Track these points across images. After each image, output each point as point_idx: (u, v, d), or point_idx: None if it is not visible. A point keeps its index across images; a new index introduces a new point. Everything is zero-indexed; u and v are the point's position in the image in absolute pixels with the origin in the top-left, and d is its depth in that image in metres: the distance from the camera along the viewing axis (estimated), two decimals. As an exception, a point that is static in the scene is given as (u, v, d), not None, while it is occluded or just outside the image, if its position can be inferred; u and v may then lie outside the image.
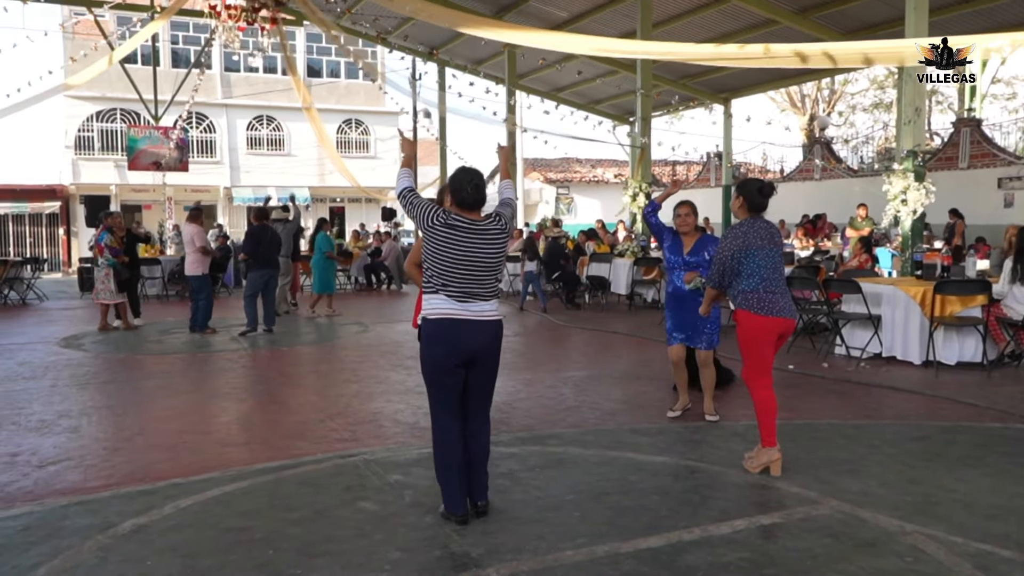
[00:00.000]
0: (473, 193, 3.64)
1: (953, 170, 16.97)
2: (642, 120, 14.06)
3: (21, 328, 11.40)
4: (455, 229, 3.58)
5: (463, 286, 3.58)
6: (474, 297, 3.60)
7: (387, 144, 32.37)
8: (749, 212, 4.49)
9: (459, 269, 3.57)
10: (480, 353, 3.61)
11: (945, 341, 7.49)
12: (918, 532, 3.52)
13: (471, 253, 3.58)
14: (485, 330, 3.61)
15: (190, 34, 28.25)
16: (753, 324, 4.36)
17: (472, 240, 3.59)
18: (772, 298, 4.35)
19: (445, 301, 3.59)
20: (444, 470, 3.67)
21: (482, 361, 3.64)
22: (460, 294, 3.58)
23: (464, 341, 3.57)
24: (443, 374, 3.62)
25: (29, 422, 5.71)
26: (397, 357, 8.47)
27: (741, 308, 4.40)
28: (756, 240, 4.38)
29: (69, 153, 27.47)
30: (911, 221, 9.21)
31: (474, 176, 3.67)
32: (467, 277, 3.58)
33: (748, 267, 4.37)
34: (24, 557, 3.36)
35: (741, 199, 4.50)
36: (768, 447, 4.38)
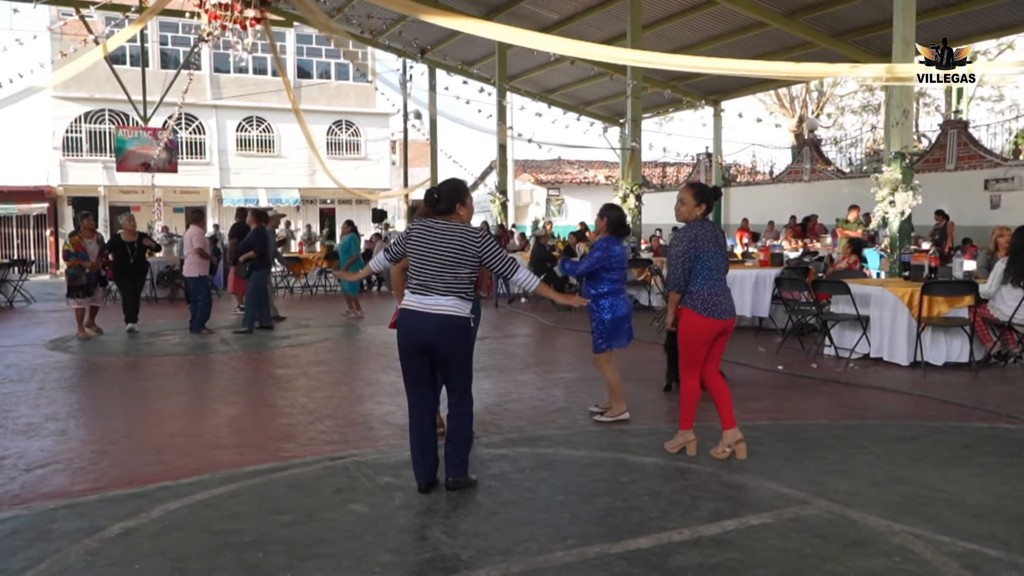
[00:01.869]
0: (436, 199, 4.07)
1: (940, 172, 17.09)
2: (632, 122, 14.10)
3: (8, 330, 11.32)
4: (417, 228, 4.04)
5: (420, 280, 3.97)
6: (429, 291, 3.94)
7: (377, 145, 32.34)
8: (697, 214, 4.66)
9: (417, 264, 3.99)
10: (433, 341, 3.94)
11: (933, 342, 7.54)
12: (906, 532, 3.55)
13: (427, 250, 3.96)
14: (434, 321, 3.92)
15: (179, 35, 28.13)
16: (695, 324, 4.56)
17: (431, 238, 3.97)
18: (716, 300, 4.55)
19: (408, 294, 4.01)
20: (410, 443, 4.15)
21: (437, 348, 3.96)
22: (418, 287, 3.97)
23: (415, 330, 3.95)
24: (403, 357, 4.07)
25: (16, 425, 5.66)
26: (387, 359, 8.45)
27: (687, 307, 4.58)
28: (705, 242, 4.56)
29: (57, 154, 27.32)
30: (899, 222, 9.27)
31: (442, 186, 4.14)
32: (424, 272, 3.96)
33: (697, 268, 4.55)
34: (11, 561, 3.33)
35: (704, 206, 4.66)
36: (685, 430, 4.76)
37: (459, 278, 3.95)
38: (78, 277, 9.93)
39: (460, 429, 4.11)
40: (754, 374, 7.43)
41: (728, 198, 23.26)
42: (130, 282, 10.57)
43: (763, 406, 6.12)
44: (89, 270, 9.99)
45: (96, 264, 10.10)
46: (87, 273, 9.98)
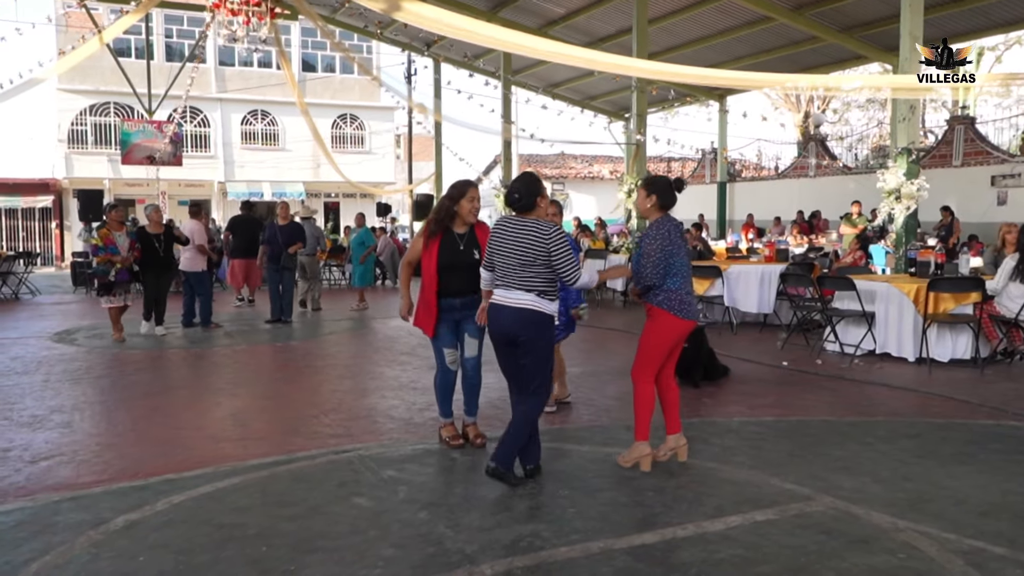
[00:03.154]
0: (514, 199, 4.14)
1: (947, 168, 17.00)
2: (637, 116, 14.06)
3: (14, 323, 11.35)
4: (497, 226, 4.20)
5: (501, 276, 4.12)
6: (510, 287, 4.07)
7: (382, 139, 32.32)
8: (661, 210, 4.38)
9: (499, 261, 4.14)
10: (513, 333, 4.07)
11: (938, 338, 7.52)
12: (911, 529, 3.53)
13: (506, 247, 4.09)
14: (513, 314, 4.05)
15: (184, 28, 28.13)
16: (667, 325, 4.30)
17: (508, 236, 4.09)
18: (690, 300, 4.35)
19: (495, 290, 4.18)
20: None
21: (517, 341, 4.08)
22: (501, 282, 4.13)
23: (498, 322, 4.12)
24: (495, 349, 4.26)
25: (21, 417, 5.68)
26: (391, 353, 8.46)
27: (663, 308, 4.29)
28: (677, 239, 4.31)
29: (62, 147, 27.36)
30: (905, 218, 9.23)
31: (519, 184, 4.17)
32: (504, 268, 4.10)
33: (673, 267, 4.27)
34: (16, 553, 3.34)
35: (654, 197, 4.35)
36: (640, 441, 4.38)
37: (538, 275, 4.03)
38: (107, 273, 9.18)
39: (518, 422, 4.11)
40: (758, 370, 7.41)
41: (733, 193, 23.19)
42: (156, 278, 9.77)
43: (767, 402, 6.10)
44: (120, 265, 9.18)
45: (127, 259, 9.28)
46: (118, 269, 9.19)
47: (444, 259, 4.55)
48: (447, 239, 4.58)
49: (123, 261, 9.17)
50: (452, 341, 4.70)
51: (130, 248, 9.31)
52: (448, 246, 4.57)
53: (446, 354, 4.72)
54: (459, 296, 4.59)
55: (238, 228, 12.40)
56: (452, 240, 4.58)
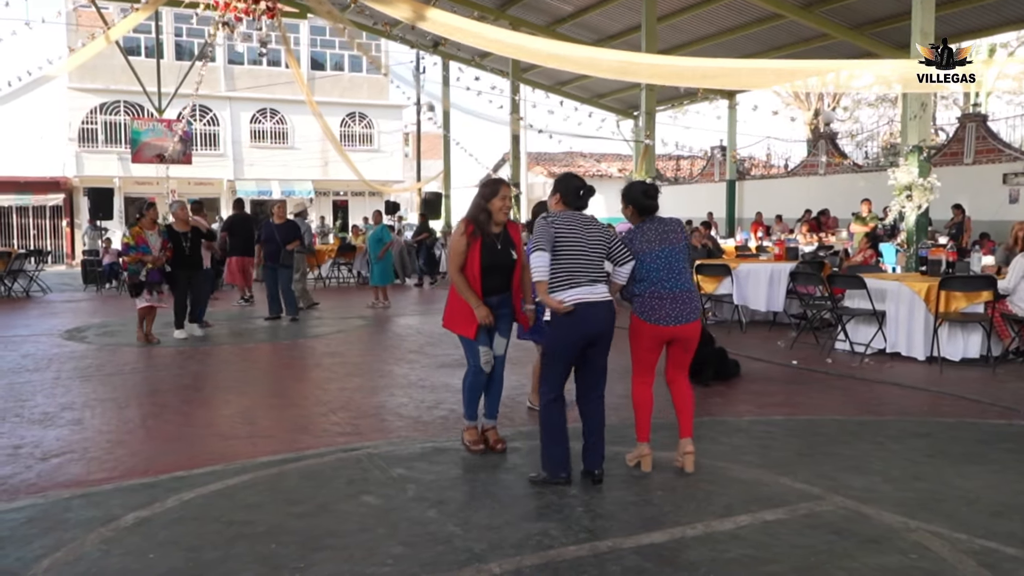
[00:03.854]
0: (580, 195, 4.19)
1: (958, 165, 16.90)
2: (646, 114, 14.03)
3: (25, 320, 11.42)
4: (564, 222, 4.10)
5: (583, 272, 4.06)
6: (595, 282, 4.09)
7: (390, 137, 32.35)
8: (640, 216, 4.37)
9: (575, 257, 4.06)
10: (606, 329, 4.12)
11: (949, 337, 7.47)
12: (922, 529, 3.51)
13: (582, 242, 4.08)
14: (606, 310, 4.10)
15: (194, 26, 28.17)
16: (635, 328, 4.33)
17: (582, 231, 4.11)
18: (658, 303, 4.21)
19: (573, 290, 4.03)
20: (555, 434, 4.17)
21: (604, 336, 4.13)
22: (584, 279, 4.05)
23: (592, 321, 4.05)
24: (568, 349, 4.12)
25: (32, 414, 5.71)
26: (400, 351, 8.47)
27: (633, 312, 4.33)
28: (643, 244, 4.24)
29: (73, 145, 27.51)
30: (916, 217, 9.18)
31: (580, 182, 4.24)
32: (584, 264, 4.07)
33: (638, 271, 4.27)
34: (27, 549, 3.36)
35: (631, 208, 4.39)
36: (640, 442, 4.38)
37: (603, 268, 4.16)
38: (137, 273, 8.84)
39: (603, 419, 4.21)
40: (768, 369, 7.39)
41: (742, 192, 23.12)
42: (186, 279, 9.37)
43: (777, 401, 6.08)
44: (151, 265, 8.85)
45: (159, 259, 8.96)
46: (149, 269, 8.85)
47: (486, 261, 4.49)
48: (486, 241, 4.51)
49: (154, 261, 8.89)
50: (486, 340, 4.62)
51: (162, 248, 9.02)
52: (488, 248, 4.50)
53: (481, 353, 4.60)
54: (495, 295, 4.56)
55: (235, 227, 12.37)
56: (490, 241, 4.51)
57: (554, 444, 4.11)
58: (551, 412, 4.13)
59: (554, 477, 4.07)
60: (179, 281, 9.28)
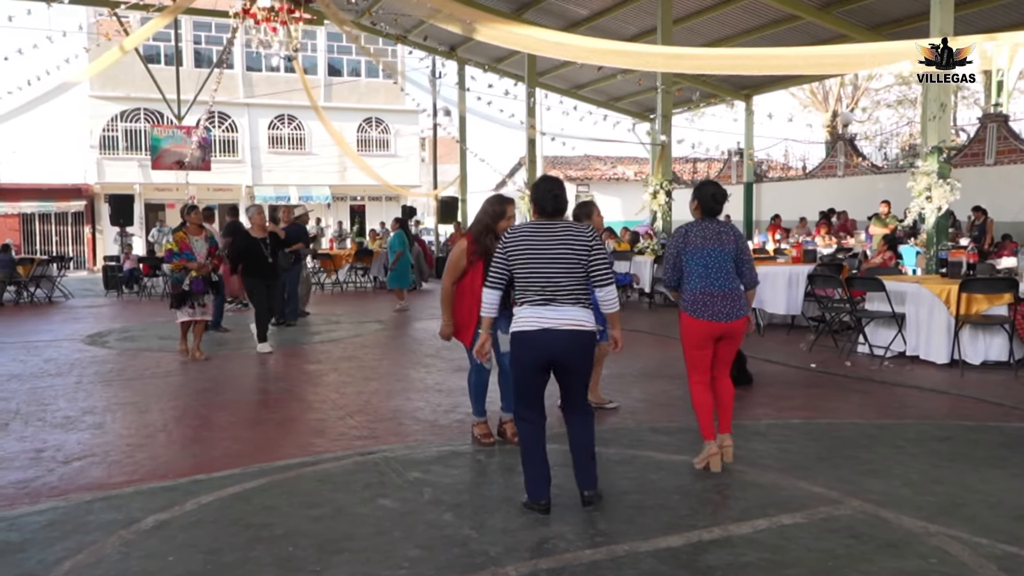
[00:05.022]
0: (552, 202, 3.79)
1: (979, 166, 16.71)
2: (662, 117, 13.99)
3: (48, 325, 11.57)
4: (517, 234, 3.77)
5: (537, 290, 3.70)
6: (551, 302, 3.67)
7: (407, 142, 32.49)
8: (702, 215, 4.55)
9: (530, 273, 3.71)
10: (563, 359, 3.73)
11: (970, 340, 7.38)
12: (942, 533, 3.48)
13: (539, 254, 3.69)
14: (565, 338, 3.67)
15: (212, 34, 28.50)
16: (685, 325, 4.45)
17: (541, 241, 3.70)
18: (707, 300, 4.34)
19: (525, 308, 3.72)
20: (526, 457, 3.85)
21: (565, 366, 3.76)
22: (537, 299, 3.69)
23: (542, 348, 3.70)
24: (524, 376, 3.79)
25: (55, 418, 5.79)
26: (417, 355, 8.49)
27: (681, 309, 4.47)
28: (696, 240, 4.41)
29: (94, 153, 27.86)
30: (936, 218, 9.09)
31: (555, 187, 3.82)
32: (539, 280, 3.69)
33: (688, 268, 4.42)
34: (49, 551, 3.40)
35: (696, 203, 4.58)
36: (706, 441, 4.45)
37: (580, 283, 3.68)
38: (180, 281, 8.15)
39: (591, 442, 3.84)
40: (787, 372, 7.34)
41: (760, 194, 22.98)
42: (266, 289, 8.78)
43: (795, 404, 6.04)
44: (195, 274, 8.13)
45: (204, 267, 8.20)
46: (192, 278, 8.14)
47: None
48: (488, 258, 4.55)
49: (199, 269, 8.14)
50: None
51: (209, 255, 8.31)
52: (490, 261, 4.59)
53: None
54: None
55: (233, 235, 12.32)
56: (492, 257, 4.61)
57: (527, 465, 3.78)
58: (521, 431, 3.82)
59: (532, 500, 3.76)
60: (258, 290, 8.69)
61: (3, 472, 4.52)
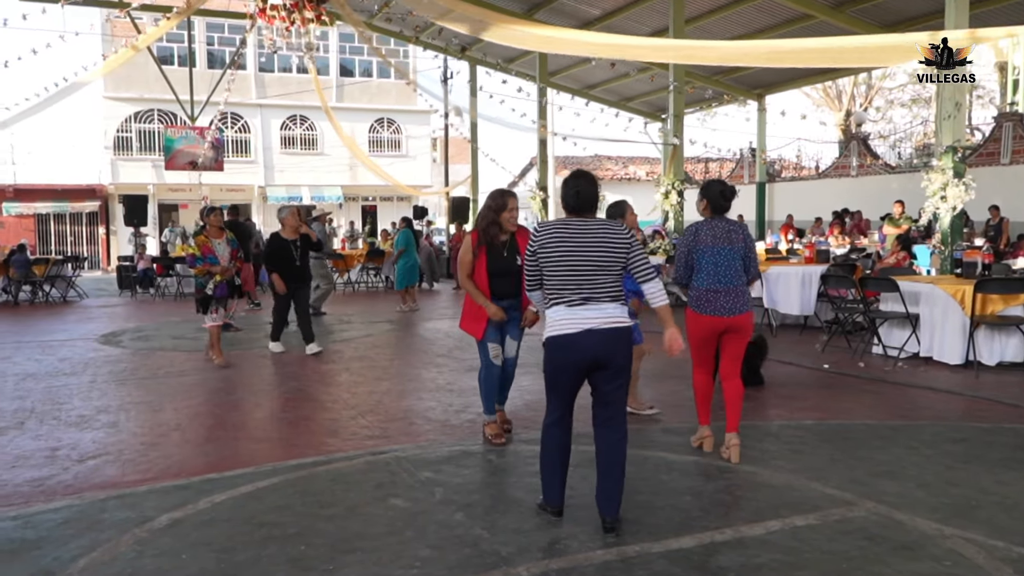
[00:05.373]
0: (573, 199, 3.66)
1: (995, 166, 16.57)
2: (674, 117, 13.96)
3: (62, 325, 11.66)
4: (550, 232, 3.59)
5: (574, 289, 3.53)
6: (590, 301, 3.52)
7: (419, 142, 32.55)
8: (712, 213, 4.66)
9: (565, 272, 3.55)
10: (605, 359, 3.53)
11: (985, 341, 7.32)
12: (957, 535, 3.45)
13: (576, 252, 3.53)
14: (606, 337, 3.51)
15: (225, 35, 28.64)
16: (691, 321, 4.63)
17: (576, 239, 3.55)
18: (712, 296, 4.52)
19: (562, 309, 3.55)
20: (546, 459, 3.75)
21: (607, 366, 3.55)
22: (575, 298, 3.53)
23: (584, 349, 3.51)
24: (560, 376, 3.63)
25: (69, 417, 5.83)
26: (428, 355, 8.51)
27: (687, 305, 4.66)
28: (707, 238, 4.57)
29: (108, 153, 28.06)
30: (950, 218, 9.02)
31: (584, 182, 3.66)
32: (576, 280, 3.54)
33: (698, 265, 4.59)
34: (64, 549, 3.43)
35: (705, 201, 4.66)
36: (701, 424, 4.80)
37: (616, 281, 3.58)
38: (204, 286, 7.96)
39: (624, 462, 3.60)
40: (799, 373, 7.30)
41: (772, 194, 22.87)
42: (293, 291, 8.54)
43: (808, 405, 6.01)
44: (220, 278, 7.93)
45: (228, 270, 8.03)
46: (217, 282, 7.94)
47: (492, 266, 4.85)
48: (492, 247, 4.87)
49: (223, 272, 7.96)
50: (496, 337, 4.96)
51: (232, 258, 8.10)
52: (494, 254, 4.87)
53: (490, 348, 4.94)
54: (505, 299, 4.90)
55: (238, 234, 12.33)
56: (497, 248, 4.87)
57: (545, 469, 3.69)
58: (545, 436, 3.68)
59: (546, 502, 3.72)
60: (281, 296, 8.47)
61: (19, 470, 4.56)
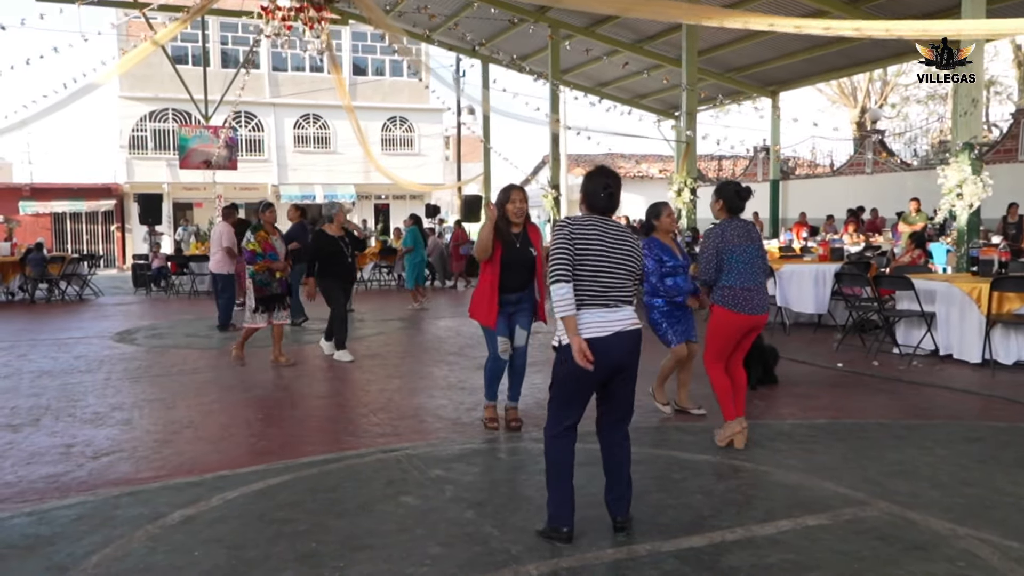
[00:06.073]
0: (607, 201, 3.50)
1: (1012, 163, 16.41)
2: (687, 115, 13.90)
3: (78, 323, 11.76)
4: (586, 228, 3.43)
5: (605, 291, 3.40)
6: (619, 303, 3.43)
7: (432, 141, 32.59)
8: (728, 213, 4.75)
9: (597, 273, 3.40)
10: (628, 361, 3.46)
11: (1002, 339, 7.25)
12: (971, 536, 3.42)
13: (609, 254, 3.41)
14: (632, 340, 3.44)
15: (239, 35, 28.78)
16: (726, 319, 4.66)
17: (608, 240, 3.43)
18: (747, 295, 4.63)
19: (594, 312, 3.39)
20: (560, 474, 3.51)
21: (627, 368, 3.47)
22: (607, 300, 3.41)
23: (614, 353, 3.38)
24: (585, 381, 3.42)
25: (84, 414, 5.88)
26: (439, 353, 8.52)
27: (717, 303, 4.68)
28: (734, 238, 4.65)
29: (123, 153, 28.28)
30: (967, 216, 8.94)
31: (609, 180, 3.52)
32: (607, 282, 3.41)
33: (727, 265, 4.64)
34: (78, 545, 3.46)
35: (721, 202, 4.73)
36: (728, 420, 4.76)
37: (632, 284, 3.52)
38: (268, 285, 7.63)
39: (628, 461, 3.58)
40: (813, 372, 7.26)
41: (787, 191, 22.75)
42: (345, 292, 8.21)
43: (821, 404, 5.97)
44: (280, 275, 7.75)
45: (286, 268, 7.84)
46: (278, 280, 7.73)
47: (506, 257, 4.95)
48: (506, 239, 4.97)
49: (283, 270, 7.77)
50: (505, 331, 5.10)
51: (287, 255, 7.96)
52: (508, 246, 4.97)
53: (500, 343, 5.09)
54: (515, 291, 5.00)
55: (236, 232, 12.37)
56: (510, 240, 4.97)
57: (553, 487, 3.45)
58: (553, 449, 3.46)
59: (552, 527, 3.41)
60: (335, 293, 7.99)
61: (34, 466, 4.60)
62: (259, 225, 7.79)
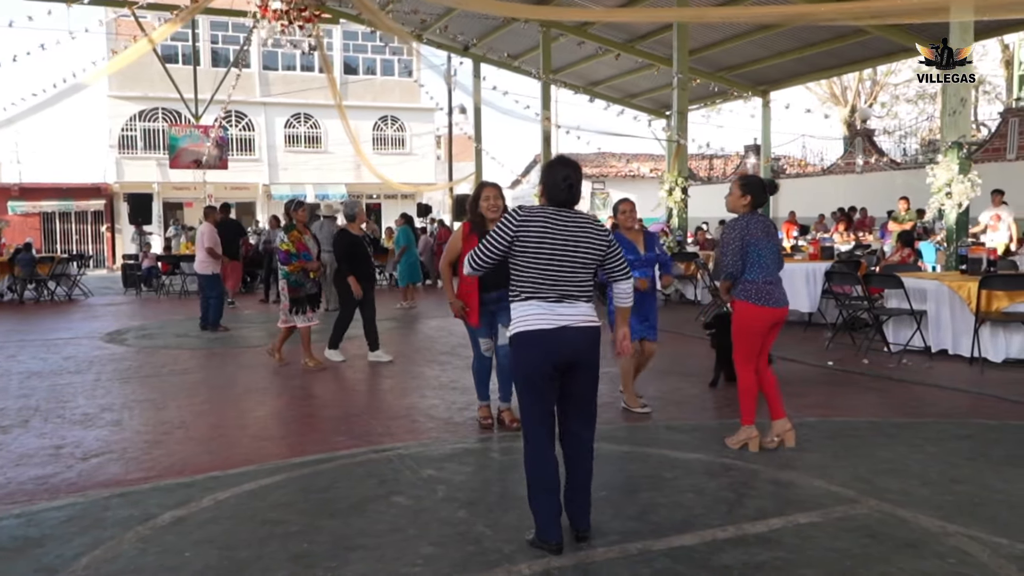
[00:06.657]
0: (566, 193, 3.35)
1: (1000, 162, 16.51)
2: (678, 114, 13.92)
3: (67, 323, 11.69)
4: (535, 219, 3.30)
5: (552, 284, 3.30)
6: (567, 298, 3.31)
7: (422, 140, 32.55)
8: (753, 208, 4.70)
9: (546, 265, 3.29)
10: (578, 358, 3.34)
11: (991, 337, 7.30)
12: (961, 533, 3.44)
13: (559, 246, 3.29)
14: (581, 336, 3.32)
15: (229, 33, 28.67)
16: (750, 314, 4.60)
17: (560, 231, 3.30)
18: (770, 289, 4.60)
19: (537, 304, 3.29)
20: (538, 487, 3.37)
21: (579, 367, 3.36)
22: (551, 294, 3.30)
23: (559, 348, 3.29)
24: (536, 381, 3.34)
25: (74, 415, 5.84)
26: (431, 352, 8.51)
27: (740, 298, 4.63)
28: (757, 231, 4.61)
29: (113, 152, 28.12)
30: (956, 214, 8.99)
31: (568, 170, 3.36)
32: (556, 274, 3.30)
33: (750, 259, 4.59)
34: (67, 547, 3.44)
35: (749, 197, 4.67)
36: (746, 425, 4.69)
37: (591, 279, 3.39)
38: (303, 286, 7.55)
39: (589, 472, 3.45)
40: (803, 370, 7.28)
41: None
42: (371, 292, 8.00)
43: (812, 402, 5.99)
44: (314, 275, 7.68)
45: (319, 267, 7.76)
46: (312, 279, 7.68)
47: None
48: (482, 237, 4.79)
49: (316, 270, 7.70)
50: (487, 332, 5.19)
51: (318, 254, 7.83)
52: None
53: (482, 343, 5.23)
54: (495, 290, 4.94)
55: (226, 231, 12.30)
56: None
57: (538, 498, 3.32)
58: (533, 467, 3.34)
59: (542, 538, 3.30)
60: (351, 296, 7.76)
61: (23, 468, 4.57)
62: (291, 225, 7.61)
